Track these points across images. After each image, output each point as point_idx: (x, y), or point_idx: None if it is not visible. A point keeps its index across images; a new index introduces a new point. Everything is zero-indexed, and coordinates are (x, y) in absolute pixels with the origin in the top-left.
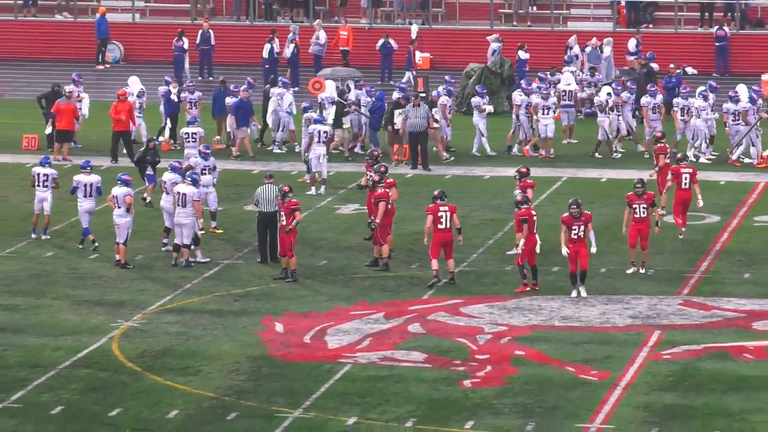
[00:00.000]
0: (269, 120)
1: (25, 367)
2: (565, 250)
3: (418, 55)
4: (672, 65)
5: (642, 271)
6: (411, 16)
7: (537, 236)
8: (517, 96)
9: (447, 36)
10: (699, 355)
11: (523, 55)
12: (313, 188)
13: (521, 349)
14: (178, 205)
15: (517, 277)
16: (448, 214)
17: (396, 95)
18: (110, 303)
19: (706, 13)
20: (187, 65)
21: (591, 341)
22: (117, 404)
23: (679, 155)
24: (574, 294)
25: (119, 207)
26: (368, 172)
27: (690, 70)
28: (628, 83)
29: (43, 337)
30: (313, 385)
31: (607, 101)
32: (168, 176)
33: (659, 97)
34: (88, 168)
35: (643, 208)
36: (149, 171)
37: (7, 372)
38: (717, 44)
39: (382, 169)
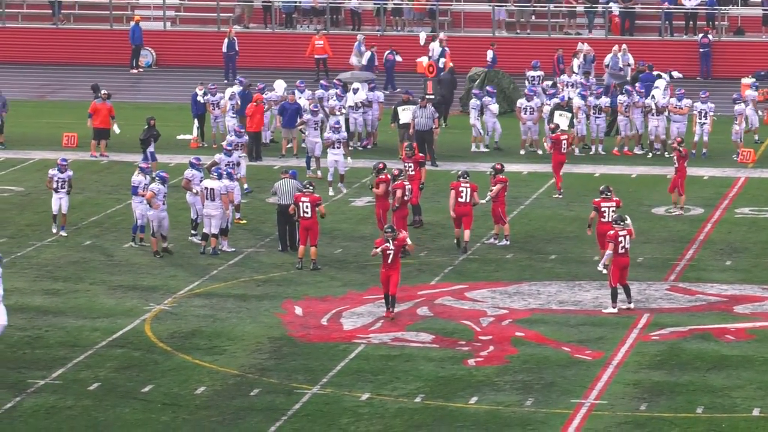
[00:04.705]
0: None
1: (65, 346)
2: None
3: (425, 60)
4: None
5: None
6: (420, 24)
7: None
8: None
9: (452, 42)
10: (684, 336)
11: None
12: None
13: (521, 330)
14: (207, 198)
15: (517, 264)
16: (468, 190)
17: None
18: (143, 288)
19: (691, 22)
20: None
21: (585, 323)
22: (149, 381)
23: (551, 125)
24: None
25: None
26: (405, 163)
27: (675, 74)
28: (637, 86)
29: (81, 319)
30: (330, 364)
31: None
32: (188, 173)
33: (685, 101)
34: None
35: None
36: (151, 148)
37: (48, 351)
38: (701, 50)
39: (380, 165)
